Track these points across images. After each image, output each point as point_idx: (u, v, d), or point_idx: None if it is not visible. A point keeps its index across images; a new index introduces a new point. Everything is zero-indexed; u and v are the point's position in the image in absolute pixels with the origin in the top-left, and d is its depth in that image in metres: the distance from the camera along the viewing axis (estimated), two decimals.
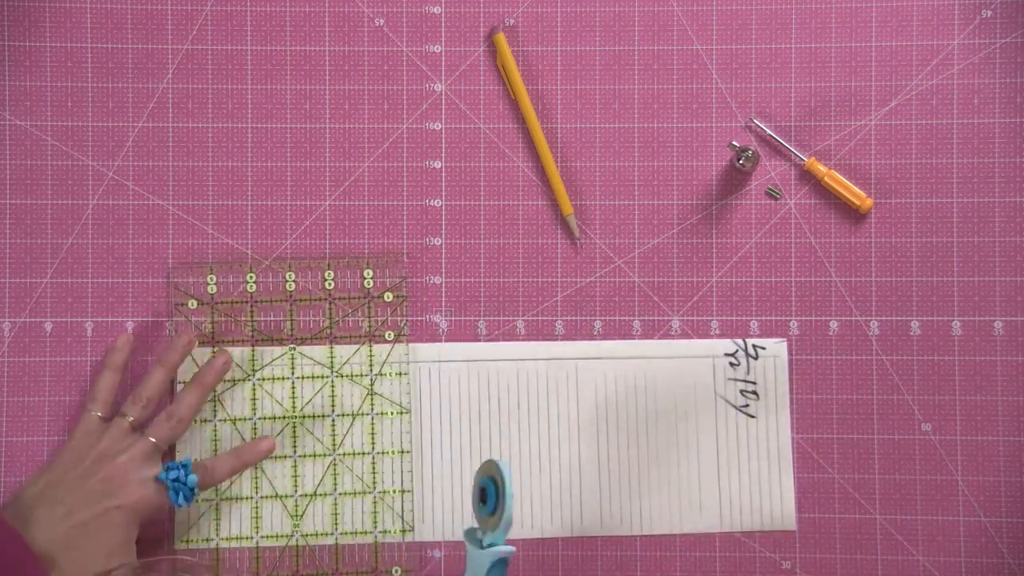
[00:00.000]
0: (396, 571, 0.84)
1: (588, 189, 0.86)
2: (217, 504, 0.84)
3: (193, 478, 0.79)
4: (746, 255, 0.86)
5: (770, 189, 0.83)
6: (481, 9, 0.87)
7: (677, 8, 0.86)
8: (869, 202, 0.85)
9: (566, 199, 0.86)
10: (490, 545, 0.71)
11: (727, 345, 0.85)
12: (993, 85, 0.85)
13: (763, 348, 0.85)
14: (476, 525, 0.72)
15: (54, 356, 0.85)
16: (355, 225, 0.86)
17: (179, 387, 0.84)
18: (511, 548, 0.70)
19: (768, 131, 0.86)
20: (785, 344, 0.85)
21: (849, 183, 0.85)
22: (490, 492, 0.71)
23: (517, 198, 0.86)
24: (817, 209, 0.86)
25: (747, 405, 0.85)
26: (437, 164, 0.86)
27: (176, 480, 0.79)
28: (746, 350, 0.85)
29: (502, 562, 0.71)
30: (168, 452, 0.83)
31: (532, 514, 0.84)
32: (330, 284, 0.85)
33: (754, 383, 0.85)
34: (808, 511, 0.85)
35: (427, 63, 0.87)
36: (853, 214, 0.86)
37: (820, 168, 0.85)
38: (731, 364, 0.85)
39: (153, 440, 0.80)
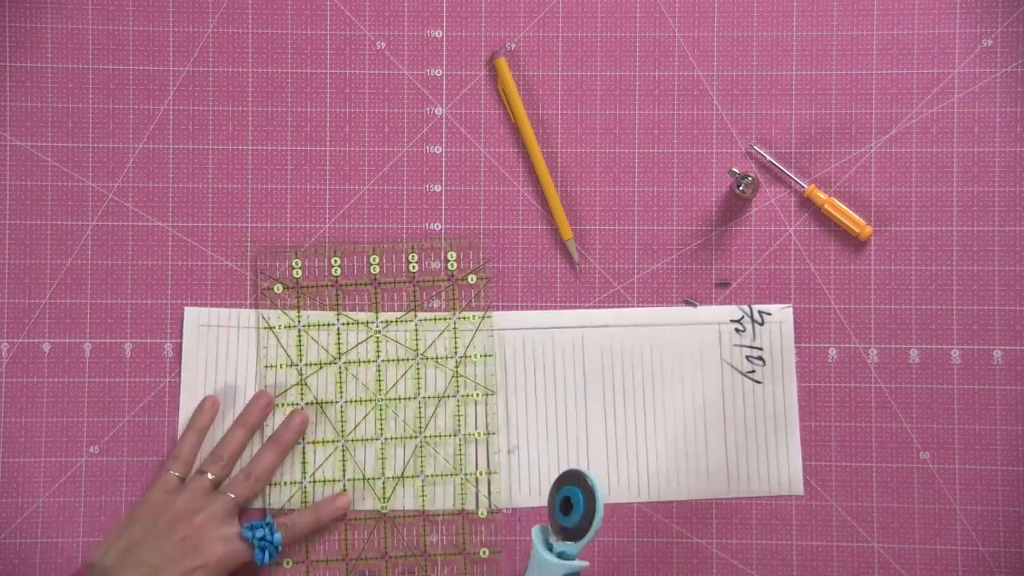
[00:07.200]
0: (483, 552, 0.84)
1: (588, 214, 0.86)
2: (306, 486, 0.84)
3: (279, 536, 0.80)
4: (745, 281, 0.86)
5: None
6: (482, 33, 0.87)
7: (678, 34, 0.87)
8: (869, 230, 0.85)
9: (566, 224, 0.86)
10: (560, 554, 0.70)
11: (733, 311, 0.85)
12: (993, 114, 0.85)
13: (769, 314, 0.85)
14: (551, 532, 0.72)
15: (52, 377, 0.85)
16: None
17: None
18: (585, 563, 0.70)
19: (768, 158, 0.86)
20: (791, 310, 0.85)
21: (849, 210, 0.85)
22: (577, 503, 0.70)
23: (517, 222, 0.86)
24: (817, 236, 0.86)
25: (753, 371, 0.85)
26: (437, 187, 0.86)
27: (262, 539, 0.79)
28: (752, 316, 0.85)
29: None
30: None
31: (540, 480, 0.84)
32: (414, 268, 0.85)
33: (760, 349, 0.85)
34: (806, 538, 0.84)
35: (428, 87, 0.87)
36: (853, 241, 0.86)
37: (820, 195, 0.85)
38: (737, 331, 0.85)
39: (233, 497, 0.80)
